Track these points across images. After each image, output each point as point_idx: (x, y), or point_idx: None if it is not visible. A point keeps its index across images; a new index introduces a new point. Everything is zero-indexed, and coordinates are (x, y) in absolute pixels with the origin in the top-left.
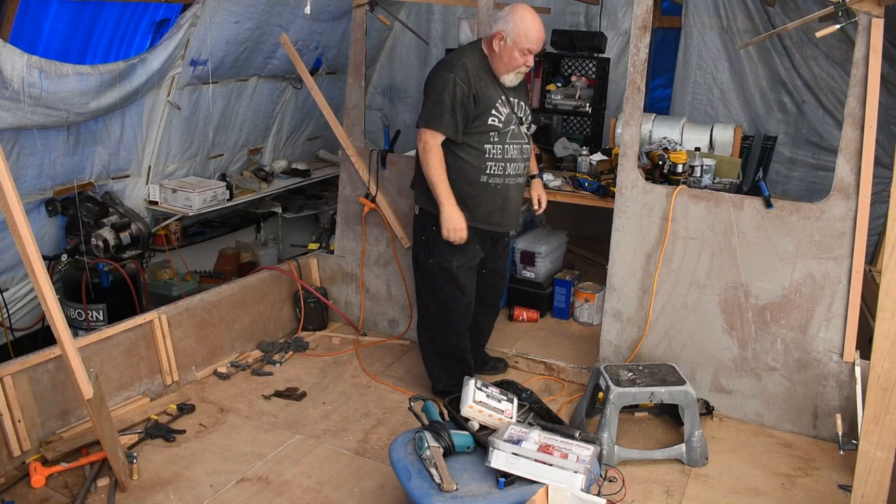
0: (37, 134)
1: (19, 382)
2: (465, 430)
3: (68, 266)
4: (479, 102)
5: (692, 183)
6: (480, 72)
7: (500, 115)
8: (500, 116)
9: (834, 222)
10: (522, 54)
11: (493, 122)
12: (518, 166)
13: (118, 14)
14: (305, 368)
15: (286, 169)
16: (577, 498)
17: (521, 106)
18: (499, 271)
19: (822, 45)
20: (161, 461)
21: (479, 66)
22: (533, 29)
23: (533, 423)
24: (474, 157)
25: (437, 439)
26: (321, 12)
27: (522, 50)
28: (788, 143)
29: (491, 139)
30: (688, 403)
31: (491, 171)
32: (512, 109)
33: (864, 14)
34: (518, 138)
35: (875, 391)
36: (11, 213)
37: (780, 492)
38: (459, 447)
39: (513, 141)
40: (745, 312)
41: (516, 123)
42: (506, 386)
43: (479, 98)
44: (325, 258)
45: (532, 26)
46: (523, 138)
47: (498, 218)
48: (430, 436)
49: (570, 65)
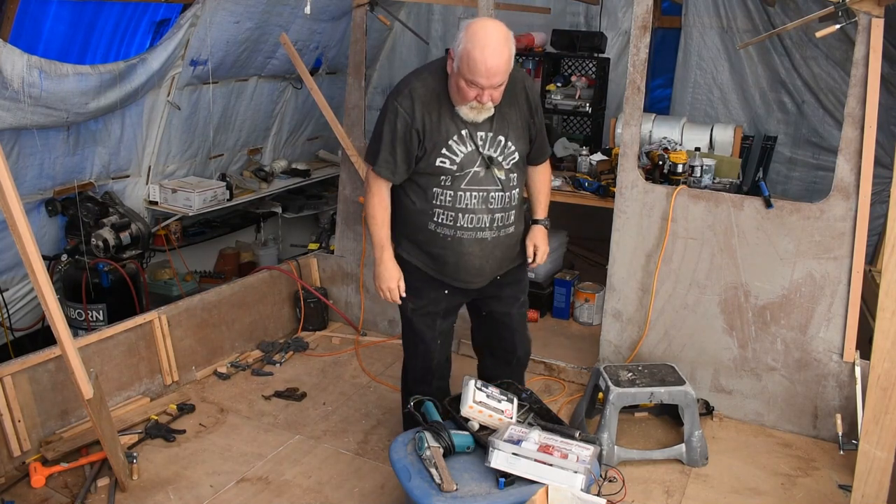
0: (37, 134)
1: (19, 382)
2: (465, 430)
3: (68, 266)
4: (426, 138)
5: (692, 183)
6: (434, 100)
7: (453, 156)
8: (453, 157)
9: (834, 222)
10: (468, 86)
11: (441, 163)
12: (479, 219)
13: (118, 14)
14: (305, 368)
15: (286, 169)
16: (577, 498)
17: (497, 142)
18: (498, 317)
19: (822, 45)
20: (161, 461)
21: (432, 92)
22: (479, 58)
23: (533, 424)
24: (420, 198)
25: (437, 439)
26: (321, 12)
27: (467, 81)
28: (788, 143)
29: (441, 182)
30: (687, 403)
31: (438, 219)
32: (476, 148)
33: (864, 14)
34: (483, 183)
35: (875, 391)
36: (11, 213)
37: (780, 492)
38: (459, 447)
39: (472, 187)
40: (745, 312)
41: (482, 165)
42: (506, 386)
43: (426, 133)
44: (325, 258)
45: (479, 54)
46: (493, 183)
47: (452, 272)
48: (429, 436)
49: (570, 65)
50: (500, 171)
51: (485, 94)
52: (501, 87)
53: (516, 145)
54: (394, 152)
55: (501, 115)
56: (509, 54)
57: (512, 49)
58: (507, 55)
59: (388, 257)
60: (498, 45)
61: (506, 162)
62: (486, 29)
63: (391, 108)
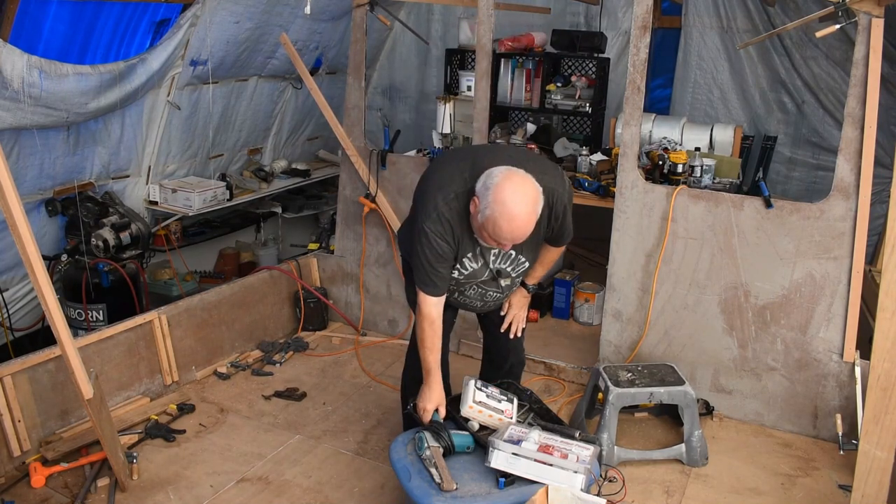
0: (37, 134)
1: (19, 382)
2: (465, 430)
3: (68, 266)
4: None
5: (692, 183)
6: (458, 222)
7: (463, 269)
8: (463, 271)
9: (834, 222)
10: (489, 237)
11: (453, 273)
12: (472, 303)
13: (118, 14)
14: (305, 368)
15: (286, 169)
16: (577, 498)
17: (508, 256)
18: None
19: (822, 45)
20: (161, 461)
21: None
22: (505, 228)
23: (533, 423)
24: None
25: (437, 439)
26: (321, 12)
27: (490, 237)
28: (788, 143)
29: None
30: (687, 403)
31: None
32: (486, 262)
33: (864, 14)
34: (485, 286)
35: (875, 391)
36: (11, 213)
37: (780, 492)
38: (459, 447)
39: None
40: (745, 312)
41: (489, 275)
42: (506, 386)
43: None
44: (325, 258)
45: (506, 225)
46: (496, 288)
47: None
48: (429, 436)
49: (570, 65)
50: (505, 280)
51: (507, 246)
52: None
53: (528, 256)
54: (436, 272)
55: None
56: (535, 218)
57: (539, 208)
58: (534, 220)
59: (436, 381)
60: (527, 217)
61: (514, 272)
62: (515, 197)
63: (424, 233)
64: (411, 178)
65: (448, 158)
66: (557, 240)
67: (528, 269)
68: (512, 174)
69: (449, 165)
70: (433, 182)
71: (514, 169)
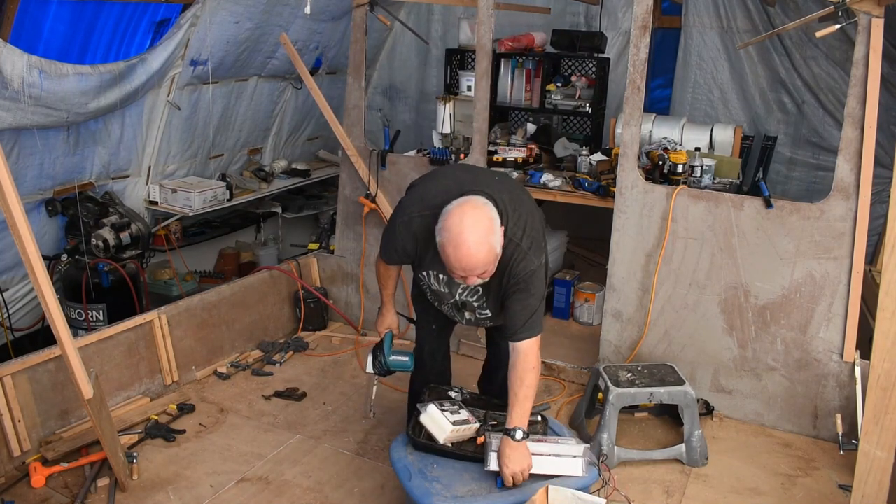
0: (37, 134)
1: (19, 382)
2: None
3: (68, 266)
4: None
5: (692, 183)
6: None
7: (429, 283)
8: (430, 284)
9: (834, 222)
10: (451, 272)
11: (420, 280)
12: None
13: (118, 14)
14: (305, 368)
15: (286, 169)
16: (576, 498)
17: (475, 291)
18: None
19: (822, 45)
20: (161, 461)
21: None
22: (452, 256)
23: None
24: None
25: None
26: (321, 12)
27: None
28: (788, 143)
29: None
30: (687, 403)
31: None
32: (451, 293)
33: (864, 14)
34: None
35: (875, 391)
36: (11, 213)
37: (780, 492)
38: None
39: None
40: (745, 312)
41: (454, 305)
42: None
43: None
44: (325, 258)
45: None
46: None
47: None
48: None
49: (570, 65)
50: (469, 314)
51: (468, 279)
52: (488, 271)
53: (491, 307)
54: (390, 254)
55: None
56: (488, 250)
57: (494, 240)
58: (486, 252)
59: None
60: (475, 245)
61: (479, 311)
62: (462, 225)
63: (396, 222)
64: (411, 178)
65: (442, 174)
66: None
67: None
68: (466, 202)
69: (440, 181)
70: (418, 192)
71: (472, 198)
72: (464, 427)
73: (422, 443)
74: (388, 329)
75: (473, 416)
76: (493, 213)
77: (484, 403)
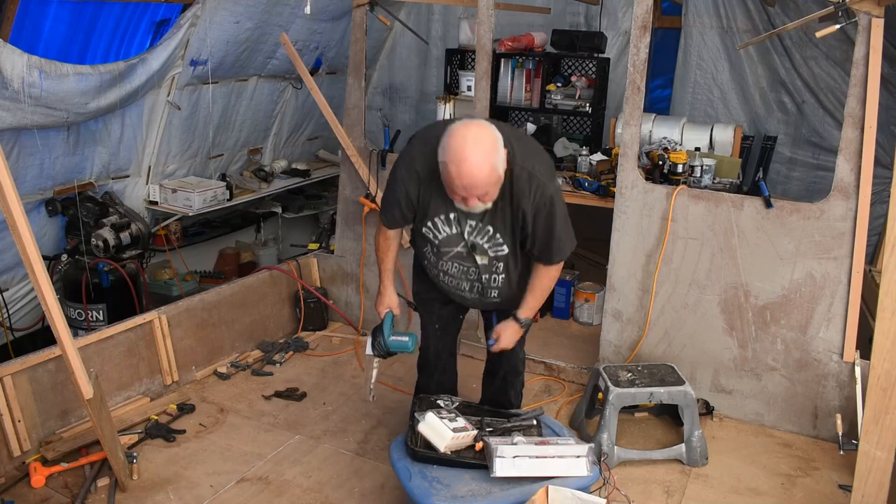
0: (37, 134)
1: (19, 382)
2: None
3: (68, 266)
4: (418, 207)
5: (692, 183)
6: (431, 177)
7: (436, 232)
8: (436, 233)
9: (834, 222)
10: (449, 191)
11: (426, 233)
12: (459, 283)
13: (118, 14)
14: (305, 368)
15: (286, 169)
16: (576, 498)
17: (486, 232)
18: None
19: (822, 45)
20: (161, 461)
21: (432, 170)
22: (454, 173)
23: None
24: (417, 238)
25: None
26: (321, 12)
27: (448, 186)
28: (788, 143)
29: (427, 244)
30: (687, 403)
31: (427, 264)
32: (461, 233)
33: (864, 14)
34: (466, 261)
35: (875, 391)
36: (11, 213)
37: (780, 492)
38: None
39: (454, 260)
40: (745, 312)
41: (465, 247)
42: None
43: (419, 203)
44: (325, 258)
45: (454, 170)
46: (474, 265)
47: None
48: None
49: (570, 65)
50: (482, 258)
51: (469, 200)
52: (489, 194)
53: (505, 239)
54: (399, 208)
55: (498, 211)
56: (490, 168)
57: (496, 160)
58: (488, 170)
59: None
60: (478, 162)
61: (492, 251)
62: (464, 143)
63: (397, 167)
64: None
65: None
66: (546, 250)
67: (511, 260)
68: (469, 122)
69: (439, 124)
70: (418, 137)
71: (476, 119)
72: (462, 434)
73: (421, 452)
74: (387, 309)
75: (470, 423)
76: (496, 134)
77: (476, 411)
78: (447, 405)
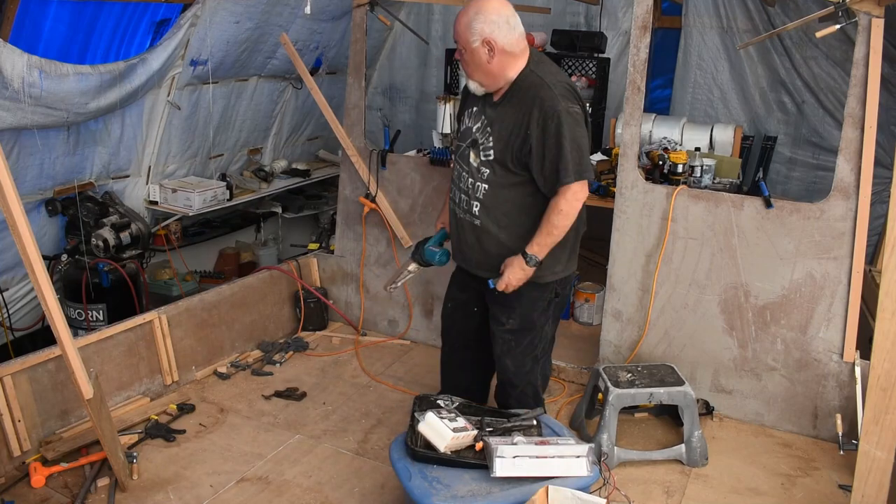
0: (37, 134)
1: (19, 382)
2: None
3: (68, 266)
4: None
5: (692, 183)
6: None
7: (465, 123)
8: (464, 124)
9: (834, 222)
10: None
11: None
12: (461, 198)
13: (118, 14)
14: (305, 368)
15: (286, 169)
16: (576, 498)
17: (486, 132)
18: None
19: (822, 45)
20: (161, 461)
21: None
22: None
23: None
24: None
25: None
26: (321, 12)
27: None
28: (788, 143)
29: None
30: (687, 404)
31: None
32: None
33: (864, 14)
34: (462, 161)
35: (875, 391)
36: (11, 213)
37: (780, 492)
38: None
39: (460, 161)
40: (745, 312)
41: (469, 145)
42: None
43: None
44: (325, 258)
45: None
46: (467, 164)
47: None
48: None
49: (570, 65)
50: (474, 157)
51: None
52: (467, 53)
53: (496, 146)
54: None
55: (500, 113)
56: (467, 21)
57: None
58: (465, 21)
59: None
60: (463, 13)
61: (483, 153)
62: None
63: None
64: (411, 178)
65: None
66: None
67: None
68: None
69: None
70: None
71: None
72: (462, 434)
73: (421, 452)
74: (442, 225)
75: (470, 423)
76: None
77: (476, 411)
78: (447, 405)
